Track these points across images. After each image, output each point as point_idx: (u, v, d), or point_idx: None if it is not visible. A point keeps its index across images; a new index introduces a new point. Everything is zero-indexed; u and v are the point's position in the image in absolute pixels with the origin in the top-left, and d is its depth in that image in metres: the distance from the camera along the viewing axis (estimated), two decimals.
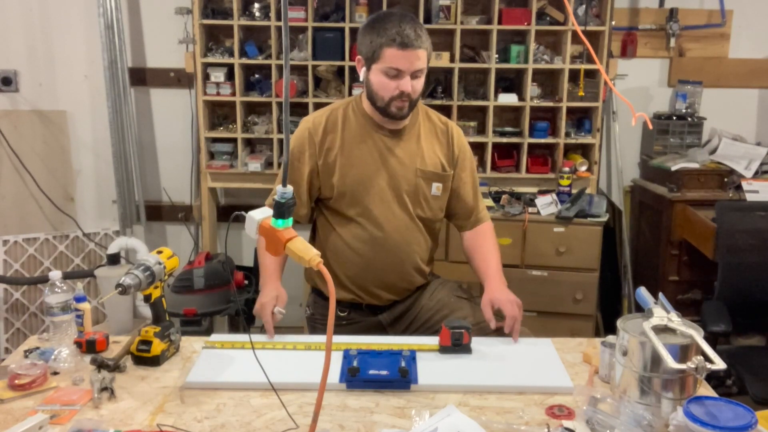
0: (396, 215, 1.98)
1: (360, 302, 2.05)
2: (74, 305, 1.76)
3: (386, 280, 2.02)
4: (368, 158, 1.97)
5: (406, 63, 1.84)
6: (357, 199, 1.97)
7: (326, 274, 1.27)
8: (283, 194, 1.28)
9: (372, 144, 1.98)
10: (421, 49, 1.85)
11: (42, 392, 1.51)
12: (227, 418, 1.42)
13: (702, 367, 1.28)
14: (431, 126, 2.06)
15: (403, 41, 1.82)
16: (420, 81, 1.91)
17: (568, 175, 3.19)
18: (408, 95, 1.88)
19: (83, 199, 3.70)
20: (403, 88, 1.86)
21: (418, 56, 1.85)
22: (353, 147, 1.98)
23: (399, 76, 1.86)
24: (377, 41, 1.86)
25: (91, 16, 3.41)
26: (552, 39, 3.40)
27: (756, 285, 2.74)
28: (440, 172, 2.03)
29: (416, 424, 1.38)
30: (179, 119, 3.61)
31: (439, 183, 2.03)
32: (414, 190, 1.99)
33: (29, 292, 3.52)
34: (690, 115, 3.54)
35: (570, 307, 3.12)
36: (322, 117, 2.01)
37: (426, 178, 2.00)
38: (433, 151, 2.02)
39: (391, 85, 1.87)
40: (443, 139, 2.06)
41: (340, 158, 1.97)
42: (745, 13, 3.59)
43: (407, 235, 2.00)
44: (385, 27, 1.85)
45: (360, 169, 1.96)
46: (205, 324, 2.89)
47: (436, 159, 2.02)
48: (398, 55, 1.83)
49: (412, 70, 1.86)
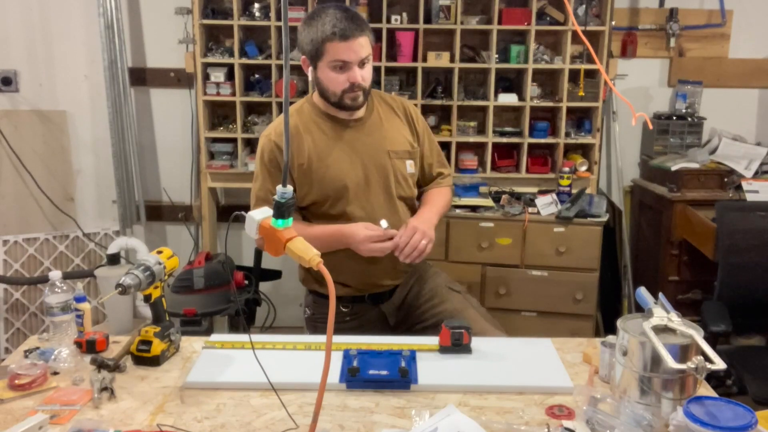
0: (379, 203, 2.00)
1: (361, 295, 2.05)
2: (74, 305, 1.76)
3: (382, 266, 2.02)
4: (341, 156, 1.97)
5: (350, 53, 1.84)
6: (339, 199, 1.97)
7: (326, 274, 1.27)
8: (283, 194, 1.28)
9: (340, 141, 1.98)
10: (363, 36, 1.85)
11: (42, 392, 1.51)
12: (227, 418, 1.42)
13: (702, 367, 1.28)
14: (388, 107, 2.09)
15: (343, 32, 1.82)
16: (368, 68, 1.91)
17: (568, 175, 3.19)
18: (359, 85, 1.89)
19: (83, 199, 3.70)
20: (353, 79, 1.87)
21: (360, 44, 1.85)
22: (323, 150, 1.97)
23: (346, 67, 1.86)
24: (317, 37, 1.85)
25: (91, 16, 3.41)
26: (552, 39, 3.40)
27: (756, 285, 2.74)
28: (410, 149, 2.07)
29: (416, 424, 1.38)
30: (179, 119, 3.61)
31: (411, 160, 2.07)
32: (392, 173, 2.02)
33: (29, 292, 3.52)
34: (690, 115, 3.54)
35: (570, 307, 3.12)
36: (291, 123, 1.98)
37: (399, 158, 2.03)
38: (397, 131, 2.06)
39: (340, 78, 1.87)
40: (403, 117, 2.09)
41: (314, 164, 1.96)
42: (745, 13, 3.59)
43: (393, 220, 1.98)
44: (322, 21, 1.84)
45: (335, 170, 1.96)
46: (205, 324, 2.89)
47: (402, 137, 2.06)
48: (341, 47, 1.83)
49: (358, 60, 1.86)
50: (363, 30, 1.85)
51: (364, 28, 1.86)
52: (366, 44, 1.87)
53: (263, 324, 3.29)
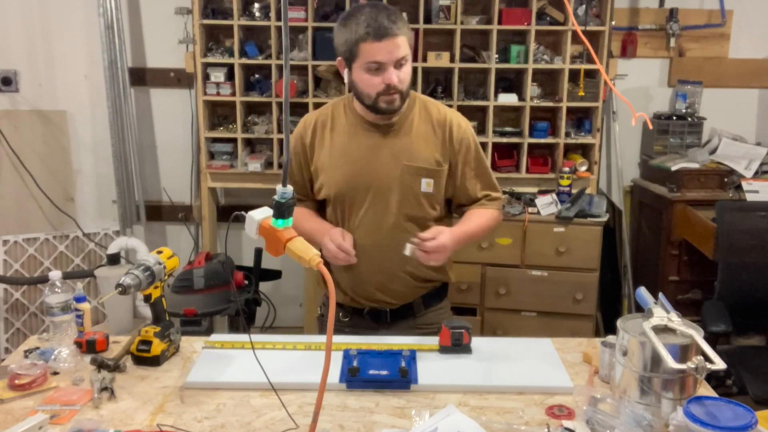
0: (383, 217, 1.88)
1: (360, 308, 1.98)
2: (74, 305, 1.76)
3: (379, 283, 1.93)
4: (354, 160, 1.88)
5: (385, 54, 1.73)
6: (344, 202, 1.90)
7: (326, 274, 1.27)
8: (283, 194, 1.28)
9: (359, 144, 1.88)
10: (400, 35, 1.73)
11: (42, 392, 1.51)
12: (227, 418, 1.42)
13: (702, 367, 1.28)
14: (427, 118, 1.91)
15: (377, 31, 1.70)
16: (406, 69, 1.79)
17: (568, 175, 3.19)
18: (395, 87, 1.76)
19: (83, 199, 3.70)
20: (388, 81, 1.75)
21: (397, 44, 1.73)
22: (339, 149, 1.90)
23: (381, 69, 1.74)
24: (352, 38, 1.74)
25: (91, 16, 3.41)
26: (552, 39, 3.40)
27: (756, 285, 2.75)
28: (431, 167, 1.88)
29: (416, 424, 1.38)
30: (179, 119, 3.61)
31: (430, 179, 1.88)
32: (400, 188, 1.87)
33: (29, 292, 3.52)
34: (690, 115, 3.54)
35: (570, 307, 3.12)
36: (313, 118, 1.95)
37: (413, 174, 1.87)
38: (425, 145, 1.89)
39: (375, 80, 1.76)
40: (439, 132, 1.90)
41: (328, 161, 1.90)
42: (745, 13, 3.59)
43: (396, 237, 1.86)
44: (356, 21, 1.73)
45: (345, 171, 1.88)
46: (205, 324, 2.89)
47: (428, 153, 1.88)
48: (376, 48, 1.72)
49: (394, 60, 1.74)
50: (400, 29, 1.73)
51: (401, 27, 1.74)
52: (403, 44, 1.74)
53: (263, 324, 3.28)
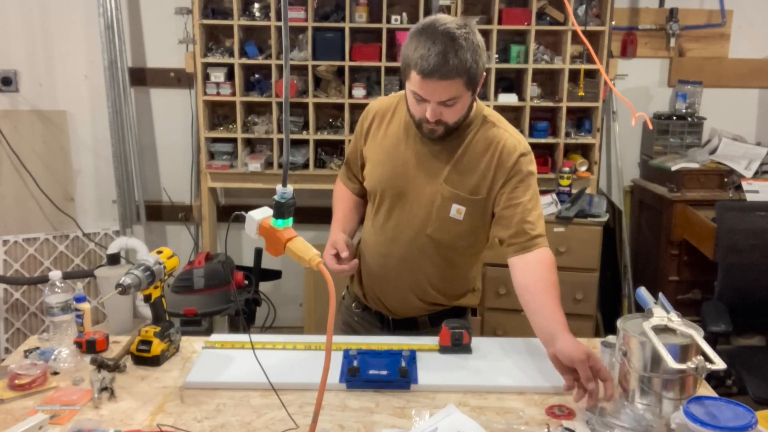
0: (405, 228, 1.80)
1: (369, 307, 1.94)
2: (74, 305, 1.75)
3: (384, 292, 1.88)
4: (397, 162, 1.78)
5: (428, 92, 1.60)
6: (375, 199, 1.85)
7: (326, 274, 1.27)
8: (283, 194, 1.28)
9: (407, 147, 1.78)
10: (449, 80, 1.57)
11: (42, 392, 1.51)
12: (227, 418, 1.42)
13: (702, 367, 1.28)
14: (486, 142, 1.74)
15: (426, 70, 1.56)
16: (455, 109, 1.64)
17: (568, 175, 3.19)
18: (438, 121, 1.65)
19: (83, 199, 3.70)
20: (428, 116, 1.63)
21: (444, 87, 1.58)
22: (388, 144, 1.82)
23: (424, 101, 1.63)
24: (407, 58, 1.62)
25: (91, 16, 3.41)
26: (552, 39, 3.40)
27: (756, 285, 2.75)
28: (466, 195, 1.73)
29: (416, 424, 1.38)
30: (179, 119, 3.61)
31: (462, 206, 1.74)
32: (429, 207, 1.76)
33: (29, 292, 3.52)
34: (690, 115, 3.54)
35: (570, 307, 3.11)
36: (376, 105, 1.87)
37: (446, 196, 1.74)
38: (470, 170, 1.74)
39: (418, 108, 1.66)
40: (494, 161, 1.73)
41: (376, 153, 1.84)
42: (745, 13, 3.59)
43: (412, 253, 1.79)
44: (416, 44, 1.59)
45: (385, 170, 1.81)
46: (205, 324, 2.89)
47: (470, 179, 1.74)
48: (420, 83, 1.59)
49: (437, 101, 1.61)
50: (453, 72, 1.56)
51: (455, 72, 1.56)
52: (452, 88, 1.58)
53: (263, 324, 3.29)
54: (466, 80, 1.59)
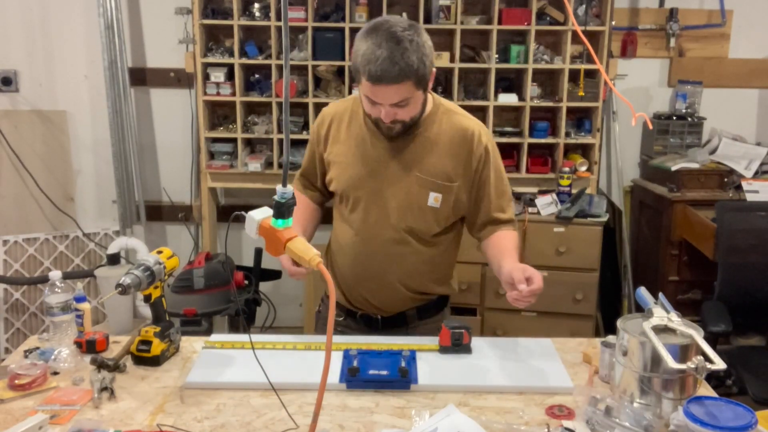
0: (383, 224, 1.82)
1: (354, 311, 1.94)
2: (74, 305, 1.76)
3: (370, 290, 1.88)
4: (366, 161, 1.81)
5: (379, 96, 1.64)
6: (348, 200, 1.87)
7: (326, 275, 1.27)
8: (283, 194, 1.28)
9: (374, 145, 1.82)
10: (398, 83, 1.60)
11: (42, 392, 1.51)
12: (227, 418, 1.42)
13: (702, 367, 1.28)
14: (450, 130, 1.80)
15: (374, 74, 1.59)
16: (408, 108, 1.68)
17: (568, 175, 3.19)
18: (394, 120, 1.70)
19: (83, 199, 3.70)
20: (383, 117, 1.68)
21: (393, 91, 1.61)
22: (354, 145, 1.84)
23: (378, 103, 1.66)
24: (357, 63, 1.64)
25: (91, 16, 3.41)
26: (552, 39, 3.40)
27: (756, 285, 2.75)
28: (441, 182, 1.79)
29: (416, 424, 1.38)
30: (179, 119, 3.61)
31: (438, 194, 1.79)
32: (406, 199, 1.80)
33: (29, 292, 3.52)
34: (690, 115, 3.54)
35: (570, 307, 3.12)
36: (331, 111, 1.90)
37: (422, 185, 1.79)
38: (440, 158, 1.79)
39: (373, 109, 1.69)
40: (461, 148, 1.80)
41: (341, 155, 1.86)
42: (745, 13, 3.59)
43: (392, 247, 1.82)
44: (365, 47, 1.61)
45: (355, 170, 1.83)
46: (205, 324, 2.89)
47: (442, 167, 1.79)
48: (371, 88, 1.62)
49: (389, 104, 1.65)
50: (400, 77, 1.59)
51: (404, 75, 1.59)
52: (402, 90, 1.62)
53: (263, 324, 3.28)
54: (415, 81, 1.63)
